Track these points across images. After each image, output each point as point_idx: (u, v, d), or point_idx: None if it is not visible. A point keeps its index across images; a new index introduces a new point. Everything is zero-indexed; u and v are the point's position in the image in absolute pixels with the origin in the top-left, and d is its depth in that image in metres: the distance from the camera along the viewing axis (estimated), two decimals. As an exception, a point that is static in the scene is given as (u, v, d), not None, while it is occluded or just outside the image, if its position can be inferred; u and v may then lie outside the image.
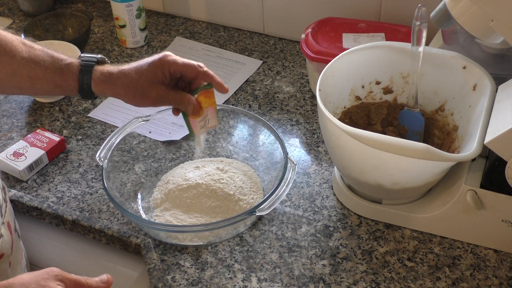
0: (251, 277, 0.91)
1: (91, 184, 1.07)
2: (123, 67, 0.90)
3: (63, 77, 0.88)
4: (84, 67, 0.88)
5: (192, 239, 0.94)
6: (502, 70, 0.98)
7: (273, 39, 1.40)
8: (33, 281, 0.68)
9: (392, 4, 1.24)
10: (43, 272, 0.70)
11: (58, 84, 0.89)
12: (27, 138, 1.12)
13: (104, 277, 0.74)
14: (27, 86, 0.88)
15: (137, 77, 0.88)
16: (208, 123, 0.94)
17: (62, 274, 0.70)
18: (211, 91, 0.91)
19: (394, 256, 0.93)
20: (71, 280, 0.70)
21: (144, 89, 0.88)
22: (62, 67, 0.88)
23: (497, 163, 0.84)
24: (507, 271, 0.90)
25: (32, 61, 0.87)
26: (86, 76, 0.88)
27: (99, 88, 0.89)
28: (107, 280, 0.73)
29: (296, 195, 1.03)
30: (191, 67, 0.89)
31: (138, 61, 0.90)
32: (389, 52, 0.99)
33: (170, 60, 0.88)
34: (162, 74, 0.88)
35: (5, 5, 1.57)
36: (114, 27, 1.44)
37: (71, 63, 0.89)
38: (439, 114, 1.00)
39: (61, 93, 0.93)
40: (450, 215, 0.92)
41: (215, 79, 0.90)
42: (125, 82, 0.88)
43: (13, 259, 0.89)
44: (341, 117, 1.02)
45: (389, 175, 0.88)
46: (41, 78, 0.87)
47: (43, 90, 0.90)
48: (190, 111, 0.90)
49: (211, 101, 0.92)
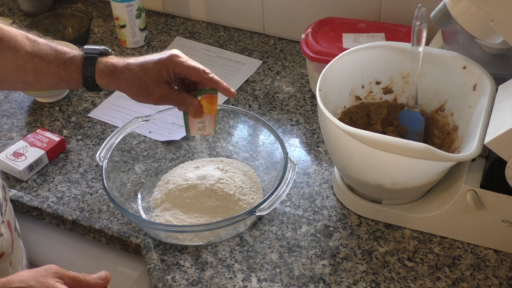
0: (251, 277, 0.91)
1: (91, 184, 1.07)
2: (129, 61, 0.89)
3: (67, 71, 0.88)
4: (87, 59, 0.88)
5: (192, 239, 0.94)
6: (502, 70, 0.98)
7: (273, 39, 1.40)
8: (32, 278, 0.68)
9: (392, 4, 1.24)
10: (42, 269, 0.70)
11: (62, 77, 0.89)
12: (27, 138, 1.12)
13: (102, 273, 0.74)
14: (32, 80, 0.88)
15: (142, 74, 0.88)
16: (205, 130, 0.94)
17: (61, 271, 0.70)
18: (215, 97, 0.91)
19: (394, 256, 0.93)
20: (70, 277, 0.70)
21: (148, 86, 0.88)
22: (66, 60, 0.88)
23: (497, 163, 0.84)
24: (507, 271, 0.90)
25: (36, 55, 0.87)
26: (90, 69, 0.88)
27: (103, 81, 0.89)
28: (105, 277, 0.74)
29: (296, 195, 1.03)
30: (196, 71, 0.89)
31: (145, 56, 0.90)
32: (389, 52, 0.99)
33: (177, 61, 0.88)
34: (167, 73, 0.88)
35: (5, 5, 1.57)
36: (114, 27, 1.44)
37: (74, 56, 0.88)
38: (439, 114, 1.00)
39: (66, 86, 0.92)
40: (450, 215, 0.92)
41: (221, 84, 0.90)
42: (129, 78, 0.88)
43: (14, 258, 0.89)
44: (341, 117, 1.02)
45: (389, 175, 0.88)
46: (46, 72, 0.87)
47: (48, 84, 0.90)
48: (192, 113, 0.90)
49: (213, 108, 0.91)
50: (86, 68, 0.88)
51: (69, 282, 0.70)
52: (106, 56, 0.90)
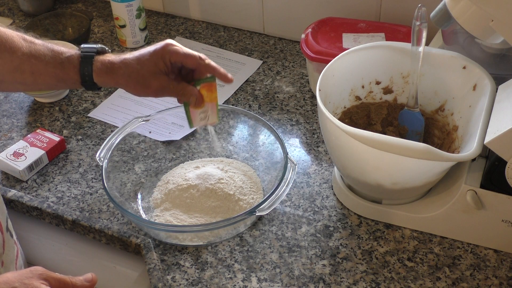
0: (251, 277, 0.91)
1: (91, 184, 1.07)
2: (125, 56, 0.89)
3: (64, 71, 0.88)
4: (84, 58, 0.88)
5: (192, 239, 0.94)
6: (502, 70, 0.98)
7: (273, 39, 1.40)
8: (17, 280, 0.68)
9: (392, 4, 1.24)
10: (27, 271, 0.70)
11: (60, 77, 0.88)
12: (27, 138, 1.12)
13: (89, 275, 0.74)
14: (30, 81, 0.88)
15: (139, 67, 0.88)
16: (208, 119, 0.94)
17: (46, 273, 0.70)
18: (214, 84, 0.91)
19: (394, 256, 0.93)
20: (55, 278, 0.70)
21: (146, 79, 0.87)
22: (63, 60, 0.88)
23: (497, 163, 0.84)
24: (507, 271, 0.90)
25: (33, 56, 0.87)
26: (87, 68, 0.88)
27: (101, 79, 0.89)
28: (91, 279, 0.73)
29: (296, 195, 1.03)
30: (192, 58, 0.88)
31: (140, 50, 0.90)
32: (389, 52, 0.99)
33: (172, 50, 0.88)
34: (164, 64, 0.88)
35: (5, 5, 1.57)
36: (114, 27, 1.44)
37: (71, 56, 0.88)
38: (439, 114, 1.00)
39: (65, 86, 0.92)
40: (450, 215, 0.92)
41: (218, 70, 0.90)
42: (127, 72, 0.88)
43: (6, 258, 0.89)
44: (341, 117, 1.02)
45: (389, 175, 0.88)
46: (43, 72, 0.87)
47: (46, 84, 0.89)
48: (193, 102, 0.90)
49: (213, 95, 0.91)
50: (83, 67, 0.88)
51: (55, 284, 0.70)
52: (103, 54, 0.90)
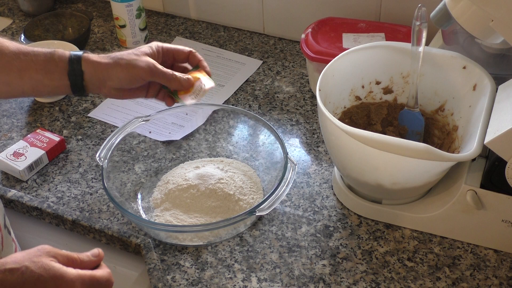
0: (251, 277, 0.91)
1: (91, 184, 1.07)
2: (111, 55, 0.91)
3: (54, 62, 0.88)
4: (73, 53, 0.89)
5: (192, 239, 0.94)
6: (502, 70, 0.98)
7: (273, 39, 1.40)
8: (26, 259, 0.68)
9: (392, 4, 1.24)
10: (35, 250, 0.71)
11: (48, 69, 0.88)
12: (27, 138, 1.12)
13: (95, 251, 0.74)
14: (16, 80, 0.87)
15: (127, 52, 0.91)
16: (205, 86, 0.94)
17: (54, 250, 0.71)
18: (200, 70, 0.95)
19: (394, 256, 0.93)
20: (63, 255, 0.71)
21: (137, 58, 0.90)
22: (52, 53, 0.89)
23: (497, 163, 0.84)
24: (507, 271, 0.90)
25: (21, 53, 0.87)
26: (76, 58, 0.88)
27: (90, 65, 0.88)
28: (98, 254, 0.74)
29: (296, 195, 1.03)
30: (181, 48, 0.95)
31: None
32: (389, 52, 0.99)
33: (159, 43, 0.95)
34: (155, 50, 0.92)
35: (5, 5, 1.57)
36: (114, 27, 1.44)
37: (61, 51, 0.89)
38: (439, 114, 1.01)
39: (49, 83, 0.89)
40: (450, 215, 0.92)
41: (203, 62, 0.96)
42: (117, 56, 0.90)
43: (4, 255, 0.88)
44: (341, 117, 1.02)
45: (389, 175, 0.88)
46: (31, 67, 0.87)
47: (31, 81, 0.88)
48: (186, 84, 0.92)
49: (200, 73, 0.95)
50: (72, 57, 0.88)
51: (63, 260, 0.71)
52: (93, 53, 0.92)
